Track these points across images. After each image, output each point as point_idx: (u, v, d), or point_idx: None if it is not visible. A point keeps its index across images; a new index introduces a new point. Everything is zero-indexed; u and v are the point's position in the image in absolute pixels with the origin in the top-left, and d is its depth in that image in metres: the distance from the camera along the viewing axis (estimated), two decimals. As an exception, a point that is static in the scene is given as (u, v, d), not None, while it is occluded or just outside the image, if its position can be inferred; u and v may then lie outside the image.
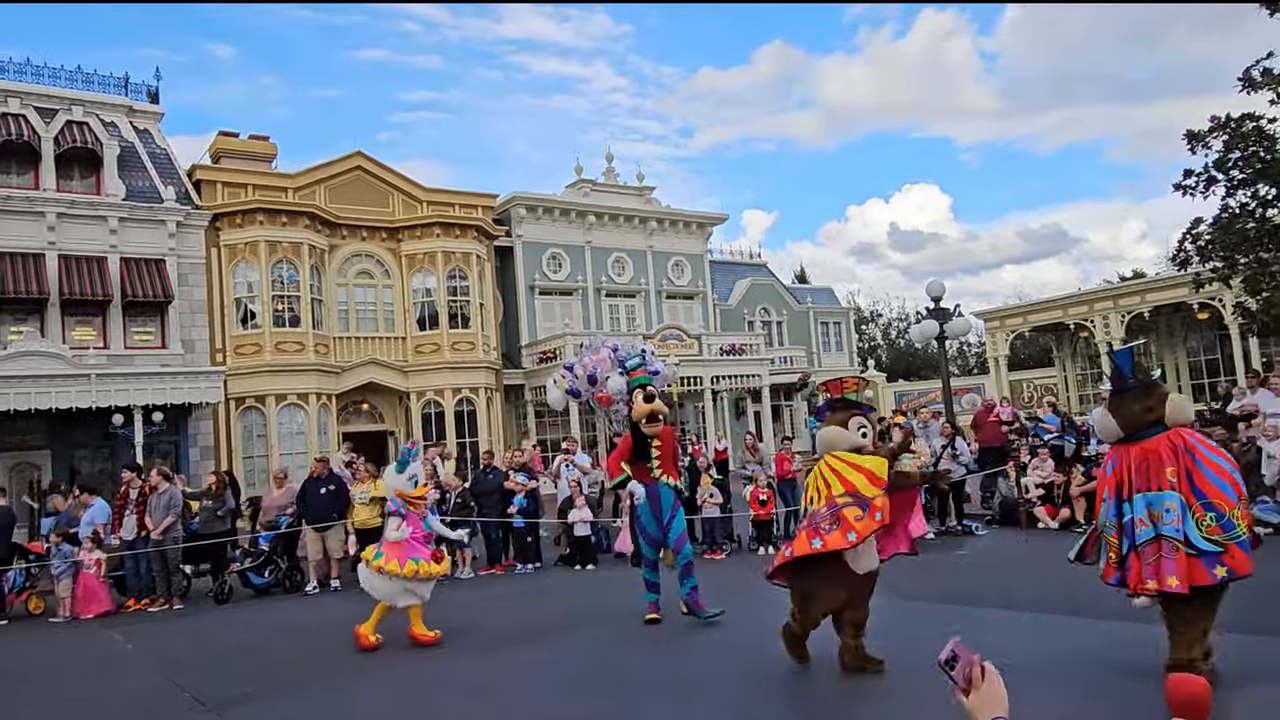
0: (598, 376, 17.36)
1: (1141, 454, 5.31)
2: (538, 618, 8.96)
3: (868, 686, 5.77)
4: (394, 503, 8.19)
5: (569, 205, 30.47)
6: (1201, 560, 5.03)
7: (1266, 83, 15.34)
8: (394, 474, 8.28)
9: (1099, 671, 5.76)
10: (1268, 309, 15.37)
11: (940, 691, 2.18)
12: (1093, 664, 5.92)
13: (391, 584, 7.85)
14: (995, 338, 31.41)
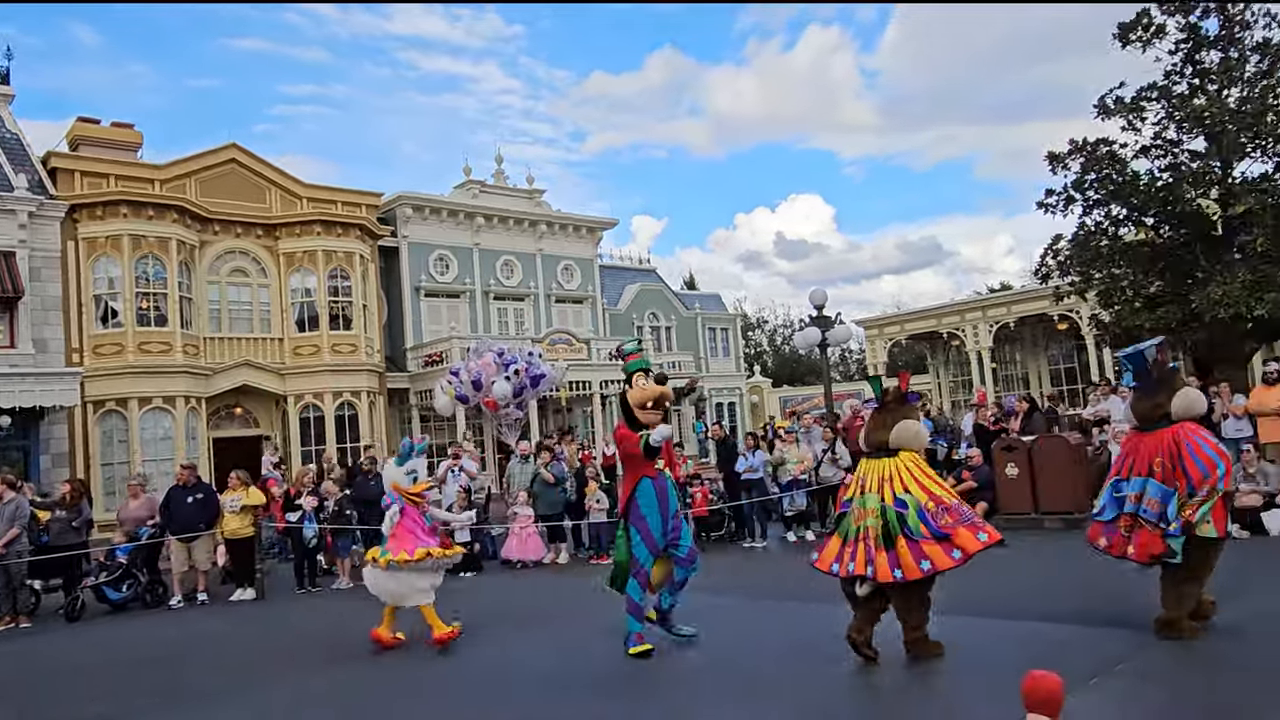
0: (483, 381, 17.16)
1: (1144, 444, 6.25)
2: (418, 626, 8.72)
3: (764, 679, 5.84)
4: (390, 496, 8.02)
5: (457, 206, 29.95)
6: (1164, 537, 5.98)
7: (1118, 110, 16.41)
8: (394, 467, 8.15)
9: (962, 667, 5.98)
10: (1119, 321, 16.41)
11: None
12: (966, 658, 6.15)
13: (401, 579, 7.62)
14: (874, 345, 32.54)
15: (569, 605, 9.00)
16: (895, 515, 5.90)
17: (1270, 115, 14.77)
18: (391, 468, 8.17)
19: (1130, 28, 16.37)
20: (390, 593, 7.71)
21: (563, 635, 7.86)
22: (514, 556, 12.71)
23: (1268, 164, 15.33)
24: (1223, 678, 5.44)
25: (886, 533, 5.92)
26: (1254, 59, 15.39)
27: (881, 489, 6.07)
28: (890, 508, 5.94)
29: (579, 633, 7.82)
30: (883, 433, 6.30)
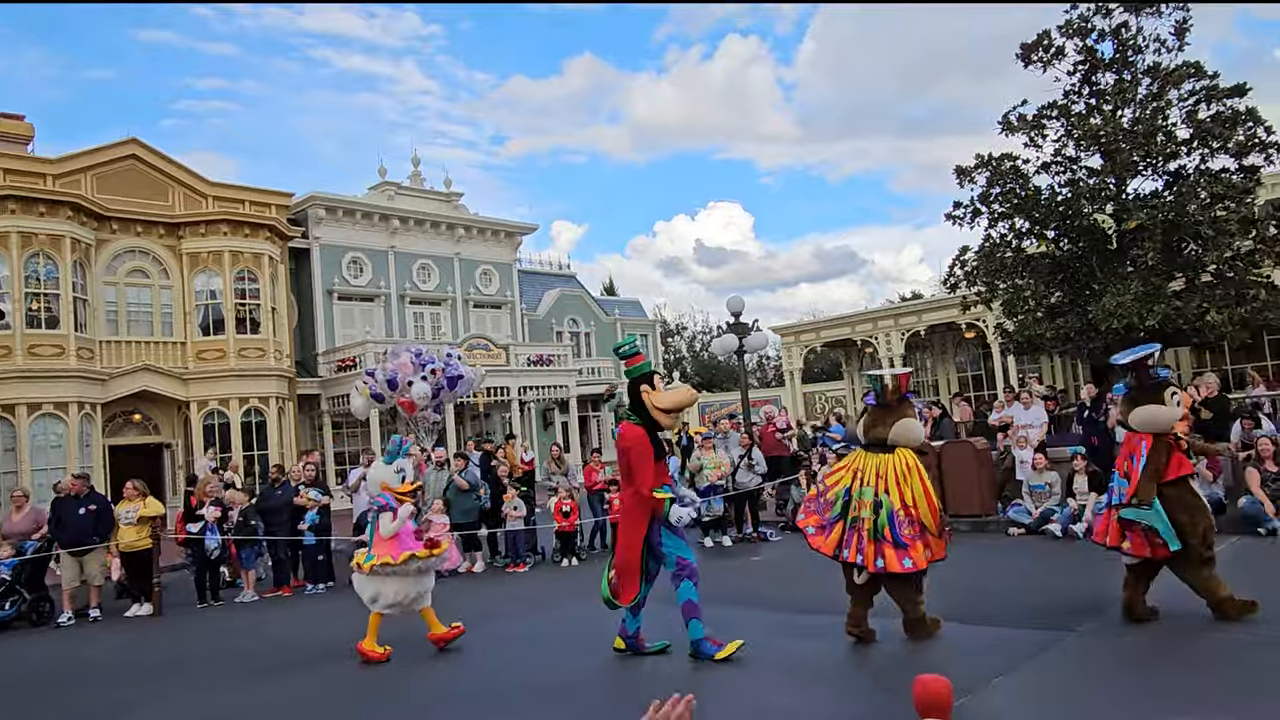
0: (398, 381, 16.70)
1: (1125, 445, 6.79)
2: (324, 640, 8.45)
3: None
4: (383, 497, 7.71)
5: (372, 208, 29.34)
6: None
7: (1021, 127, 17.03)
8: (382, 466, 7.86)
9: (883, 668, 6.08)
10: (1022, 330, 17.01)
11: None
12: (874, 661, 6.25)
13: (390, 583, 7.39)
14: (791, 352, 33.04)
15: (483, 615, 8.85)
16: (884, 514, 6.34)
17: (1159, 135, 15.53)
18: (380, 466, 7.94)
19: (1032, 49, 17.01)
20: (383, 597, 7.49)
21: (475, 647, 7.71)
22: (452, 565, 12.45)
23: (1157, 182, 16.10)
24: (1125, 675, 5.64)
25: (876, 526, 6.34)
26: (1145, 82, 16.16)
27: (875, 484, 6.43)
28: (881, 505, 6.36)
29: (492, 644, 7.68)
30: (882, 429, 6.62)
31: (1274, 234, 15.27)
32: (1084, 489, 11.56)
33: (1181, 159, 15.82)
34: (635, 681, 6.16)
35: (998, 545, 11.04)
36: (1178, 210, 15.00)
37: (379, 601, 7.48)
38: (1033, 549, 10.60)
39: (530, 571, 12.30)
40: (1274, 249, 15.29)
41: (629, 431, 6.60)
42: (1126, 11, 16.17)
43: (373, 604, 7.51)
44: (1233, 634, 6.13)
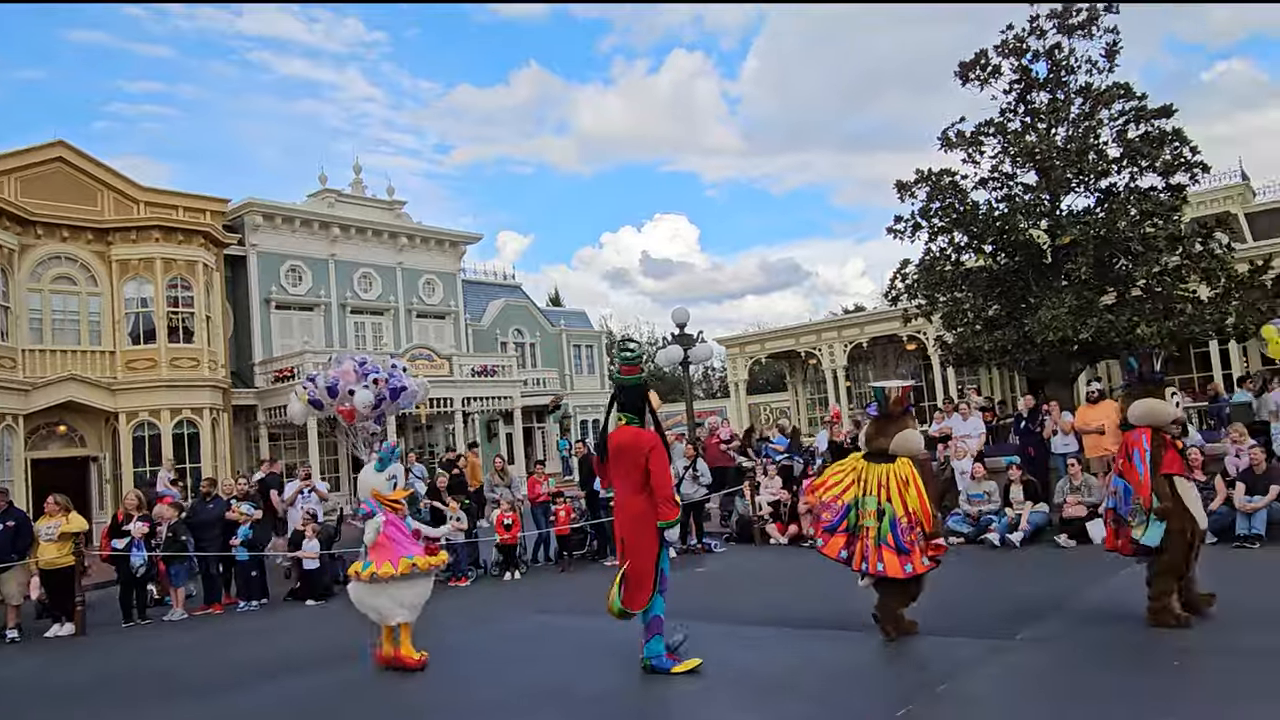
0: (339, 388, 16.29)
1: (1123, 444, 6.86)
2: (257, 658, 8.18)
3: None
4: (369, 504, 7.43)
5: (311, 215, 28.77)
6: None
7: (959, 143, 17.38)
8: (373, 473, 7.54)
9: (827, 679, 6.06)
10: (961, 343, 17.31)
11: None
12: (818, 672, 6.23)
13: (387, 593, 7.10)
14: (736, 363, 33.22)
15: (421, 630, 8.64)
16: (886, 522, 6.64)
17: (1091, 154, 15.97)
18: (370, 473, 7.64)
19: (970, 67, 17.39)
20: (374, 608, 7.22)
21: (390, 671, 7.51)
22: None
23: (1089, 199, 16.56)
24: (1063, 681, 5.70)
25: (880, 533, 6.64)
26: (1077, 101, 16.62)
27: (878, 493, 6.71)
28: (884, 512, 6.64)
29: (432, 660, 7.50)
30: (884, 440, 6.90)
31: (1199, 250, 15.79)
32: (1020, 498, 11.78)
33: (1112, 177, 16.29)
34: (582, 696, 6.05)
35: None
36: (1109, 226, 15.43)
37: (401, 610, 7.18)
38: (972, 558, 10.75)
39: (472, 586, 12.10)
40: (1199, 265, 15.81)
41: (650, 436, 6.46)
42: (1059, 33, 16.63)
43: (390, 615, 7.19)
44: (1170, 639, 6.25)
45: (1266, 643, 5.95)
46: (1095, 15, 16.35)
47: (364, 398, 17.62)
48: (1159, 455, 6.48)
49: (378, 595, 7.17)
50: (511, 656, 7.38)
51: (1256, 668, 5.53)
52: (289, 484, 13.66)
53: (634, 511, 6.42)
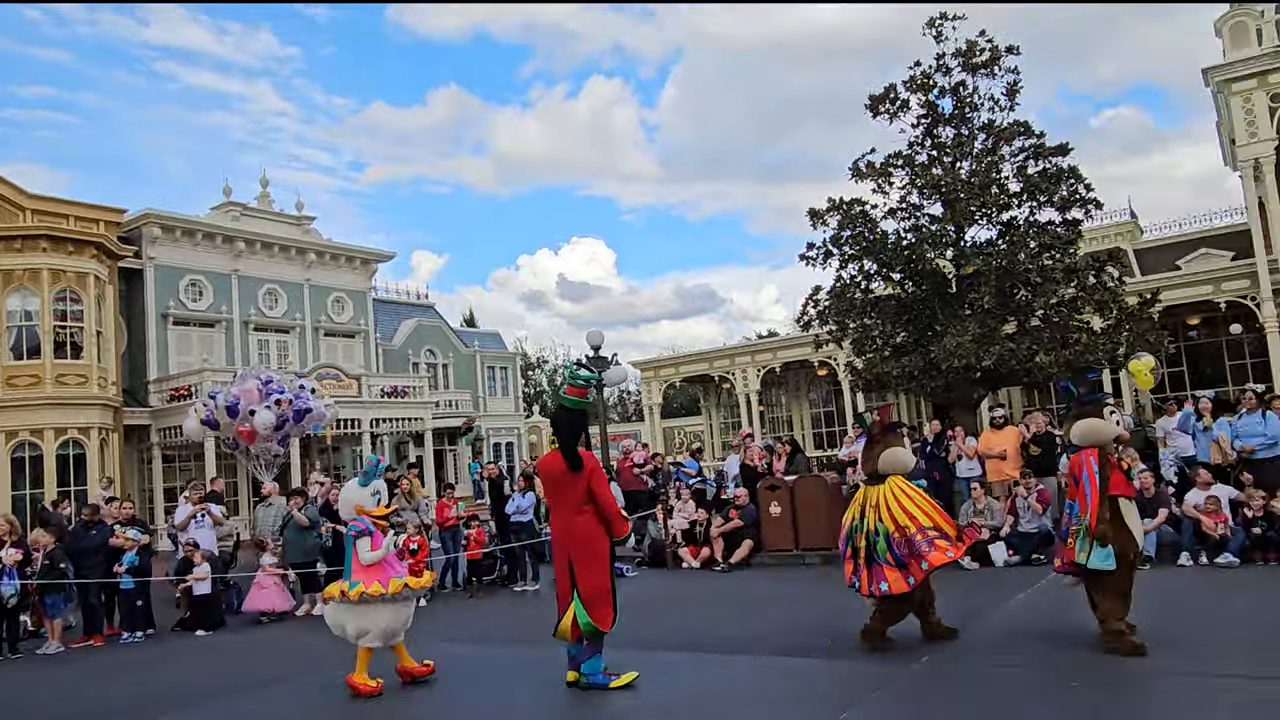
0: (240, 409, 15.64)
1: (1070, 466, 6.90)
2: (144, 692, 7.66)
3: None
4: (360, 521, 7.05)
5: (214, 229, 27.75)
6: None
7: (870, 174, 17.83)
8: (357, 488, 7.20)
9: (731, 705, 5.97)
10: (870, 368, 17.66)
11: None
12: (726, 698, 6.13)
13: (369, 614, 6.77)
14: (650, 387, 33.27)
15: (321, 659, 8.25)
16: (881, 540, 6.77)
17: (994, 187, 16.57)
18: (354, 488, 7.33)
19: (880, 101, 17.89)
20: (356, 630, 6.86)
21: (306, 694, 7.14)
22: (259, 608, 11.60)
23: (992, 231, 17.15)
24: (963, 704, 5.73)
25: (877, 553, 6.77)
26: (981, 137, 17.26)
27: (870, 515, 6.89)
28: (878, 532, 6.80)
29: (331, 690, 7.14)
30: (872, 463, 7.15)
31: (1093, 283, 16.51)
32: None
33: (1013, 210, 16.92)
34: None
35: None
36: (1010, 258, 16.00)
37: (369, 635, 6.86)
38: (880, 581, 10.85)
39: (375, 613, 11.64)
40: (1093, 297, 16.52)
41: (591, 456, 6.60)
42: (964, 71, 17.26)
43: (360, 638, 6.87)
44: (1071, 660, 6.36)
45: (1157, 664, 6.11)
46: (997, 55, 17.03)
47: (265, 419, 16.98)
48: (1106, 476, 6.50)
49: (362, 616, 6.87)
50: (413, 687, 7.08)
51: (1147, 684, 5.68)
52: (181, 507, 12.94)
53: (580, 532, 6.40)
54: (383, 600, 6.85)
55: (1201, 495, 10.42)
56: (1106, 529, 6.33)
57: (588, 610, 6.29)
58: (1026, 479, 11.77)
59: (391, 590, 6.87)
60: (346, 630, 6.96)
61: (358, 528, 7.12)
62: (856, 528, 7.02)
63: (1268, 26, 20.90)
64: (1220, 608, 7.86)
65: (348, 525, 7.35)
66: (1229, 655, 6.25)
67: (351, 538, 7.15)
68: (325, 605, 7.25)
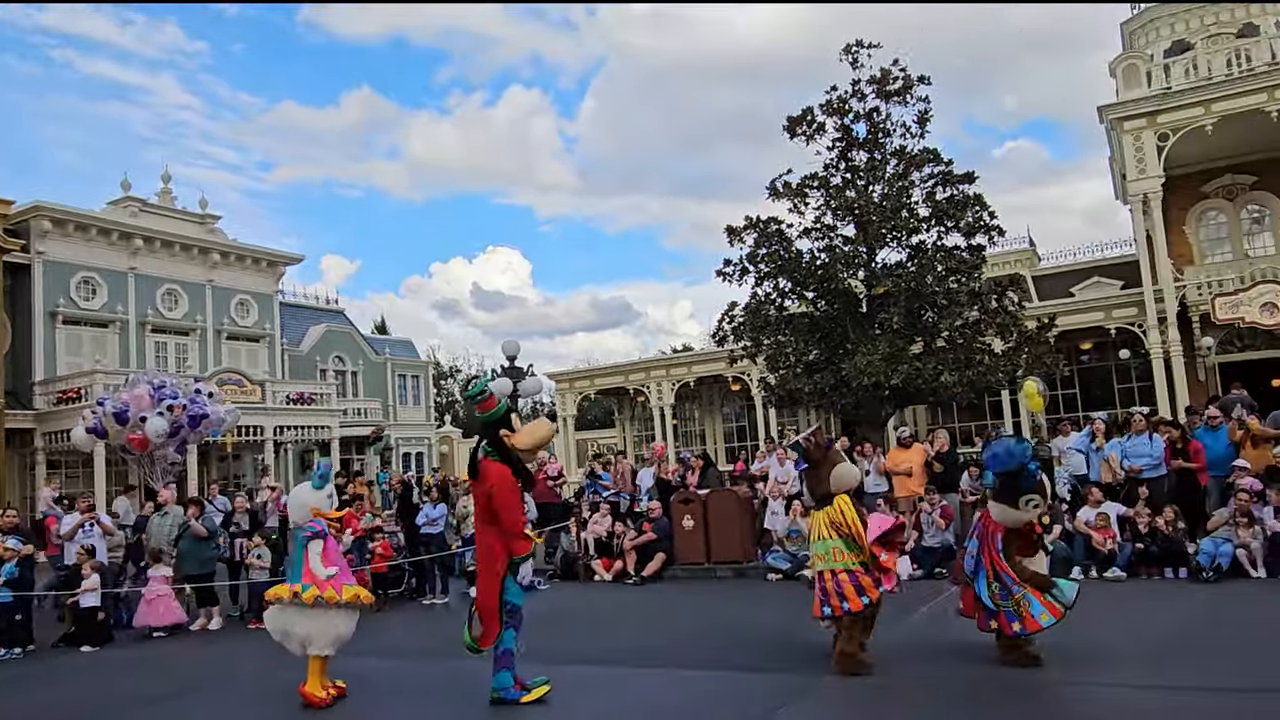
0: (129, 415, 14.84)
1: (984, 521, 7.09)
2: (8, 716, 7.19)
3: None
4: (317, 523, 6.76)
5: (110, 224, 26.50)
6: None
7: (786, 194, 18.19)
8: (311, 490, 6.89)
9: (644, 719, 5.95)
10: (783, 385, 17.96)
11: None
12: (639, 711, 6.11)
13: (320, 620, 6.50)
14: (565, 398, 33.10)
15: (215, 676, 7.91)
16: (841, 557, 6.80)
17: (904, 211, 17.08)
18: (308, 491, 7.02)
19: (797, 122, 18.27)
20: (302, 636, 6.56)
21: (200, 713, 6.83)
22: (148, 624, 11.04)
23: (901, 253, 17.66)
24: (875, 710, 5.84)
25: (834, 573, 6.77)
26: (893, 162, 17.79)
27: (825, 534, 6.91)
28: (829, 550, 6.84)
29: (222, 711, 6.84)
30: (822, 485, 7.09)
31: (995, 307, 17.16)
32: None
33: (922, 234, 17.46)
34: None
35: (757, 591, 11.38)
36: (918, 280, 16.51)
37: (318, 642, 6.58)
38: (790, 594, 11.00)
39: (275, 628, 11.21)
40: (995, 320, 17.17)
41: (494, 469, 6.35)
42: (878, 98, 17.77)
43: (307, 645, 6.59)
44: (972, 671, 6.55)
45: (1051, 675, 6.35)
46: (910, 84, 17.60)
47: (157, 426, 16.14)
48: (1010, 545, 6.83)
49: (313, 621, 6.61)
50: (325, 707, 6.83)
51: (1042, 694, 5.90)
52: (68, 517, 12.23)
53: (482, 545, 6.39)
54: (337, 606, 6.64)
55: (1092, 512, 10.92)
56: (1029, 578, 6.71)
57: (472, 624, 6.28)
58: (931, 495, 12.12)
59: (345, 598, 6.67)
60: (292, 634, 6.71)
61: (314, 529, 6.91)
62: (814, 551, 7.10)
63: (1157, 70, 22.17)
64: (1109, 620, 8.21)
65: (300, 527, 7.10)
66: (1117, 665, 6.54)
67: (304, 539, 6.93)
68: (268, 609, 6.94)
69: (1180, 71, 21.91)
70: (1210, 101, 20.96)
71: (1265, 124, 20.88)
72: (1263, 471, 10.74)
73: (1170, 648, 6.90)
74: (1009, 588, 6.71)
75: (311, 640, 6.62)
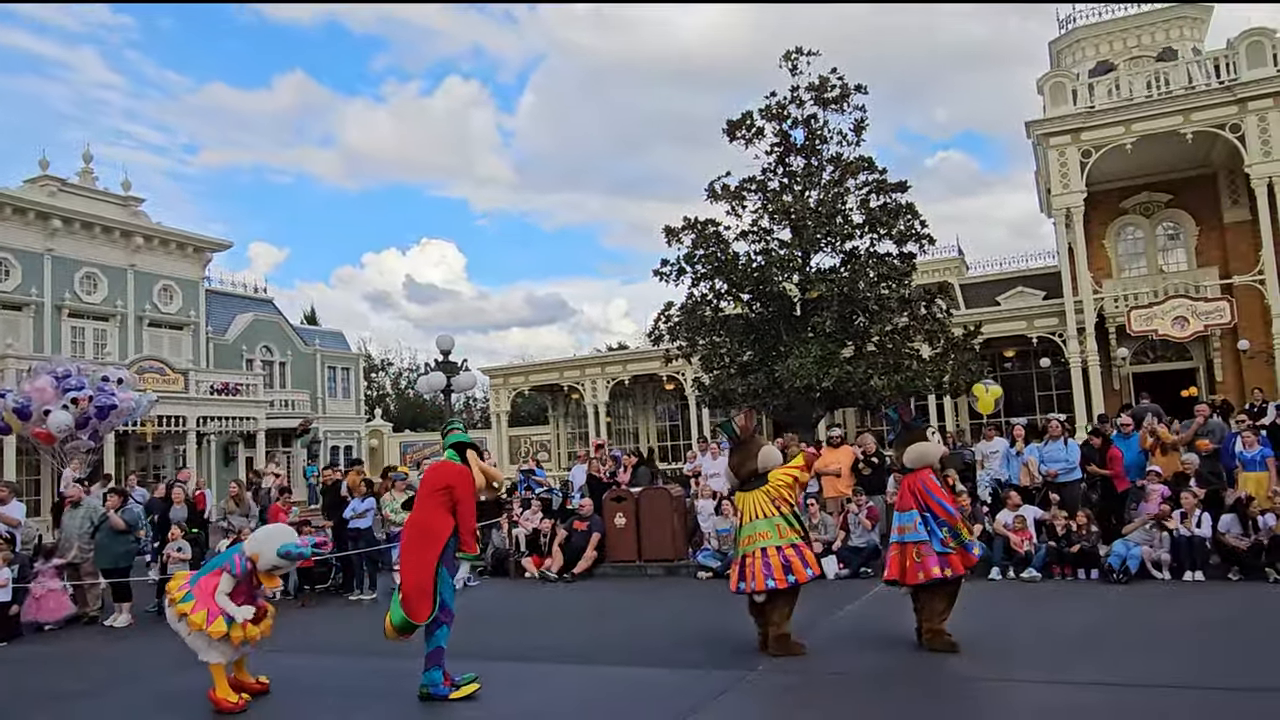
0: (31, 410, 14.23)
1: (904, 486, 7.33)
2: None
3: None
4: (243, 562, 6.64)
5: (25, 203, 25.43)
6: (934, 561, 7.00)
7: (724, 196, 18.40)
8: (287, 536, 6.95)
9: (574, 713, 5.97)
10: (717, 385, 18.16)
11: None
12: (569, 707, 6.13)
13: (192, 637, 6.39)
14: (499, 394, 32.92)
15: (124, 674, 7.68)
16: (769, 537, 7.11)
17: (839, 217, 17.42)
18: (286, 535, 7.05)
19: (737, 126, 18.48)
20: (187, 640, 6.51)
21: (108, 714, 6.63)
22: (38, 618, 10.66)
23: (835, 258, 18.01)
24: (798, 710, 5.96)
25: (764, 551, 7.06)
26: (829, 169, 18.13)
27: (756, 514, 7.20)
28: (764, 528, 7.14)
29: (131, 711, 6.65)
30: (751, 462, 7.38)
31: (924, 314, 17.61)
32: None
33: (855, 240, 17.82)
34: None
35: (687, 588, 11.48)
36: (851, 285, 16.85)
37: (203, 654, 6.46)
38: (718, 592, 11.13)
39: (194, 623, 10.91)
40: (924, 326, 17.62)
41: (454, 468, 6.59)
42: (816, 105, 18.08)
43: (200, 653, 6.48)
44: (895, 666, 6.74)
45: (968, 670, 6.58)
46: (847, 92, 17.94)
47: (60, 420, 15.43)
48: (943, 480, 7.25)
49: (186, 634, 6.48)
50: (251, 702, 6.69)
51: (959, 689, 6.12)
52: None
53: (417, 527, 6.45)
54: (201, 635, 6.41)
55: (1011, 515, 11.29)
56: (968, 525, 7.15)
57: (403, 604, 6.28)
58: (858, 496, 12.38)
59: (211, 631, 6.36)
60: (181, 637, 6.54)
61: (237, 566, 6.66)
62: (740, 531, 7.39)
63: (1082, 88, 23.01)
64: (1024, 618, 8.52)
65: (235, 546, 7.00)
66: (1030, 661, 6.80)
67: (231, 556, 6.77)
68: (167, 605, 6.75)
69: (1104, 91, 22.77)
70: (1130, 121, 21.86)
71: (1180, 145, 21.87)
72: (1170, 478, 11.24)
73: (1077, 645, 7.19)
74: (956, 529, 7.08)
75: (196, 650, 6.48)
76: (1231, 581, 9.87)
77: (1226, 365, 22.90)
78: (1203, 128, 21.25)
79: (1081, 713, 5.54)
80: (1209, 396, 20.22)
